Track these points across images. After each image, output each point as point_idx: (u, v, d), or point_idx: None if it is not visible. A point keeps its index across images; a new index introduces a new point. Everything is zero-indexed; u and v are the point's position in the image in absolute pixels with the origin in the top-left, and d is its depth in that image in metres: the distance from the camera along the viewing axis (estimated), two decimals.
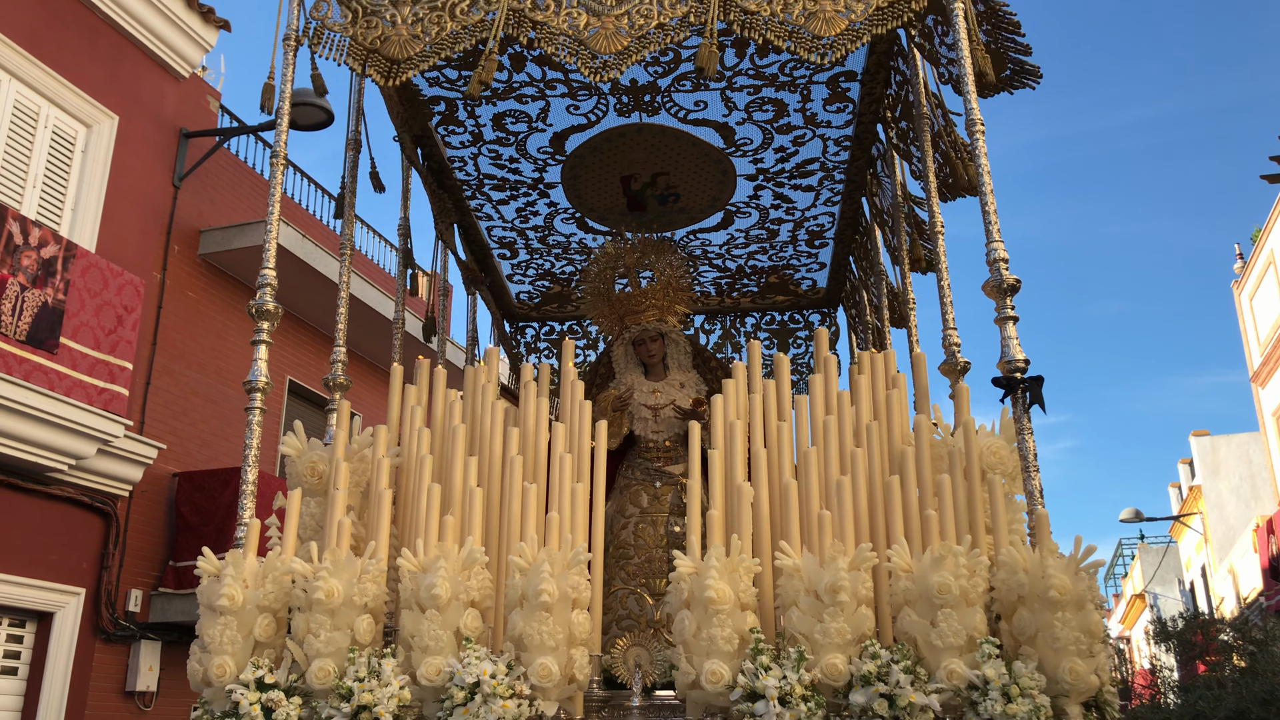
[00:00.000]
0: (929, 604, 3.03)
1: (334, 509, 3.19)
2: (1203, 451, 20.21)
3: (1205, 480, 20.21)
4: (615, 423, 4.78)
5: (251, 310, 3.48)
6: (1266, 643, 11.88)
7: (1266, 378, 15.26)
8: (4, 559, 6.61)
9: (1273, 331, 14.72)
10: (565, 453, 3.32)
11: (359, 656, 2.91)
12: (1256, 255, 15.29)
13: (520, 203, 5.51)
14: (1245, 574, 17.17)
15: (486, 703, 2.75)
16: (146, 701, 7.52)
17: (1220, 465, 19.97)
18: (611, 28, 3.60)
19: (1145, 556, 26.10)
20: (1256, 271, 15.37)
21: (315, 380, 9.82)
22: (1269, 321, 14.96)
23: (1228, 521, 19.56)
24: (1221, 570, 19.32)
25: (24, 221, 6.44)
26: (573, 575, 2.99)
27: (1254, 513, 17.97)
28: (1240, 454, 19.69)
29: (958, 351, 3.97)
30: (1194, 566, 22.27)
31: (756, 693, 2.84)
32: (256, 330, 3.48)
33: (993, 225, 3.52)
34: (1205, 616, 16.93)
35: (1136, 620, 28.17)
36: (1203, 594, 21.50)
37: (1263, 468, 18.01)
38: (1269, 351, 14.92)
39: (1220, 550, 19.55)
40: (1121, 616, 29.52)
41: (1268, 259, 14.81)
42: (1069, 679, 2.95)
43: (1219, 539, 19.75)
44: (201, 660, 2.99)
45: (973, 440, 3.50)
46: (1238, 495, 19.60)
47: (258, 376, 3.43)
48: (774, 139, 4.99)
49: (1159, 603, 24.37)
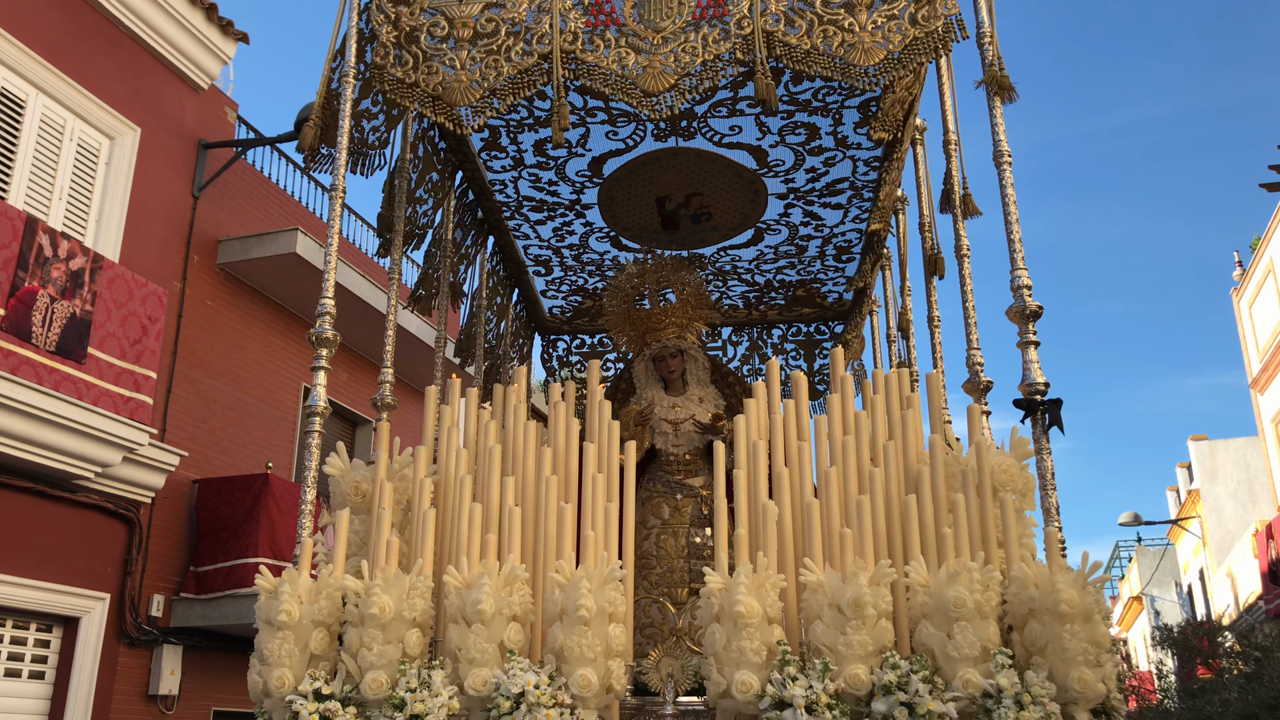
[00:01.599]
0: (945, 617, 3.18)
1: (380, 528, 3.34)
2: (1201, 456, 20.40)
3: (1203, 484, 20.39)
4: (637, 437, 4.91)
5: (311, 338, 3.62)
6: (1271, 649, 12.07)
7: (1265, 384, 15.43)
8: (33, 565, 6.77)
9: (1272, 338, 14.90)
10: (597, 472, 3.48)
11: (410, 668, 3.07)
12: (1256, 263, 15.47)
13: (557, 222, 5.65)
14: (1244, 578, 17.34)
15: (531, 712, 2.91)
16: (168, 705, 7.66)
17: (1218, 469, 20.15)
18: (659, 66, 3.75)
19: (1143, 559, 26.28)
20: (1256, 279, 15.54)
21: (330, 385, 9.97)
22: (1268, 329, 15.14)
23: (1225, 525, 19.74)
24: (1220, 574, 19.50)
25: (54, 234, 6.59)
26: (609, 591, 3.14)
27: (1252, 517, 18.14)
28: (1238, 458, 19.87)
29: (981, 371, 4.08)
30: (1192, 569, 22.45)
31: (784, 701, 2.99)
32: (316, 357, 3.61)
33: (1017, 253, 3.64)
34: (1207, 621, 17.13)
35: (1134, 622, 28.34)
36: (1200, 597, 21.68)
37: (1260, 472, 18.19)
38: (1268, 358, 15.09)
39: (1218, 554, 19.74)
40: (1119, 618, 29.68)
41: (1267, 267, 14.99)
42: (1077, 687, 3.09)
43: (1217, 542, 19.94)
44: (261, 672, 3.14)
45: (985, 459, 3.65)
46: (1235, 499, 19.78)
47: (317, 401, 3.56)
48: (805, 160, 5.12)
49: (1156, 605, 24.56)
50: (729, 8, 3.85)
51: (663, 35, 3.83)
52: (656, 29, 3.85)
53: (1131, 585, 27.89)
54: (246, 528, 7.68)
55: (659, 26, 3.85)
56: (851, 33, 3.75)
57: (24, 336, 6.26)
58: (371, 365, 10.40)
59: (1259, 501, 18.55)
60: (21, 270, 6.33)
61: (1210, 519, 20.29)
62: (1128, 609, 28.52)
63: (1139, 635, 27.39)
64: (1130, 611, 28.38)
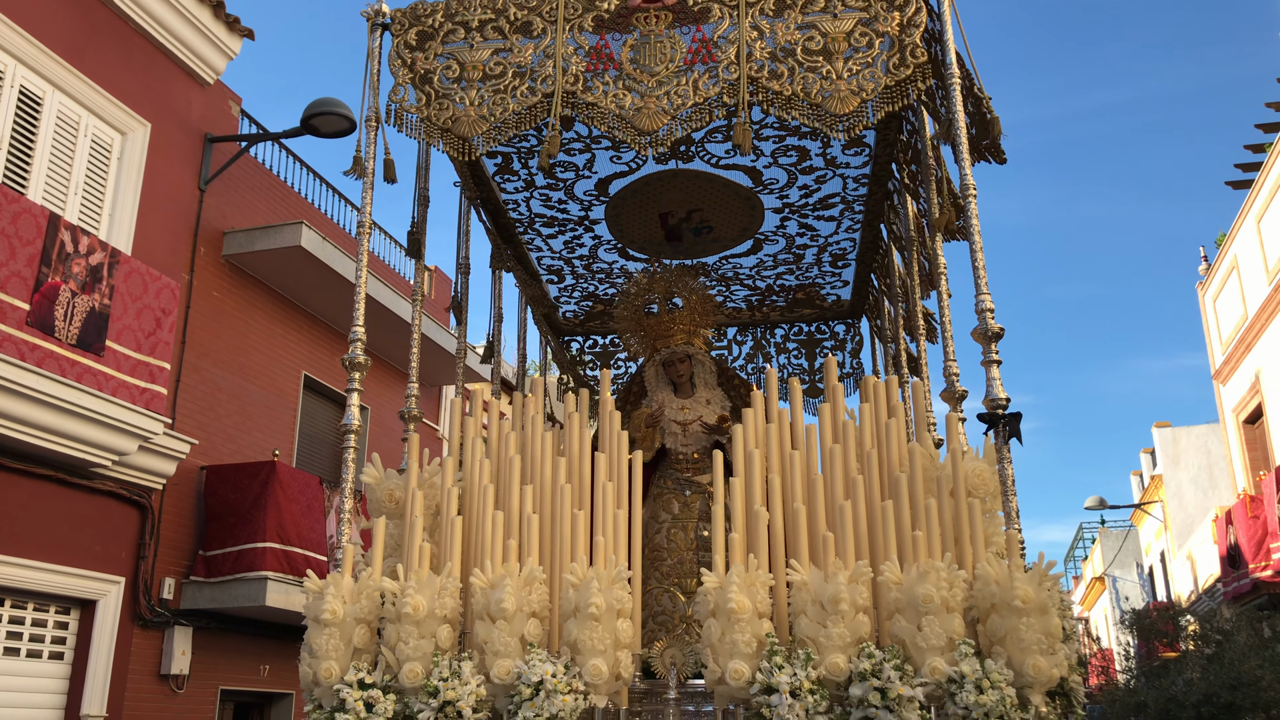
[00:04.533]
0: (915, 611, 3.55)
1: (413, 534, 3.72)
2: (1164, 442, 21.08)
3: (1166, 470, 21.08)
4: (648, 438, 5.27)
5: (345, 363, 3.96)
6: (1232, 632, 12.71)
7: (1227, 376, 16.02)
8: (53, 550, 7.08)
9: (1234, 332, 15.46)
10: (607, 481, 3.86)
11: (442, 660, 3.46)
12: (1221, 259, 16.00)
13: (568, 236, 6.01)
14: (1203, 561, 18.01)
15: (549, 698, 3.30)
16: (179, 684, 8.02)
17: (1181, 456, 20.84)
18: (653, 107, 4.09)
19: (1105, 540, 27.05)
20: (1220, 274, 16.08)
21: (329, 374, 10.29)
22: (1231, 323, 15.70)
23: (1186, 510, 20.44)
24: (1180, 557, 20.20)
25: (74, 230, 6.85)
26: (617, 590, 3.53)
27: (1212, 502, 18.81)
28: (1200, 445, 20.56)
29: (956, 380, 4.44)
30: (1153, 552, 23.19)
31: (772, 687, 3.39)
32: (350, 380, 3.96)
33: (981, 279, 3.97)
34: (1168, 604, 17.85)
35: (1095, 602, 29.20)
36: (1160, 579, 22.44)
37: (1221, 459, 18.83)
38: (1230, 352, 15.67)
39: (1179, 537, 20.45)
40: (1081, 598, 30.53)
41: (1231, 263, 15.52)
42: (1032, 673, 3.47)
43: (1178, 526, 20.65)
44: (310, 664, 3.53)
45: (959, 466, 4.04)
46: (1196, 485, 20.49)
47: (352, 420, 3.91)
48: (798, 178, 5.45)
49: (1118, 585, 25.36)
50: (717, 54, 4.17)
51: (657, 79, 4.16)
52: (651, 73, 4.18)
53: (1094, 566, 28.68)
54: (255, 513, 8.00)
55: (653, 71, 4.18)
56: (829, 80, 4.08)
57: (48, 330, 6.55)
58: (372, 354, 10.72)
59: (1219, 487, 19.21)
60: (45, 266, 6.60)
61: (1172, 503, 21.00)
62: (1090, 589, 29.36)
63: (1101, 615, 28.26)
64: (1093, 591, 29.21)
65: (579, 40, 4.26)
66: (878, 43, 4.14)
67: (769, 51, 4.15)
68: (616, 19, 4.24)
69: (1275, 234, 13.63)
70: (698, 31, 4.22)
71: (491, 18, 4.32)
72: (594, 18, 4.26)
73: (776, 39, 4.16)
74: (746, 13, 4.18)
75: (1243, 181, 15.38)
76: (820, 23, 4.17)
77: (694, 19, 4.23)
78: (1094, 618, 29.38)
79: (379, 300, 9.75)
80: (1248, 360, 15.02)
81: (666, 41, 4.21)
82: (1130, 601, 23.32)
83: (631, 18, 4.24)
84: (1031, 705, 3.48)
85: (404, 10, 4.44)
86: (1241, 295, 15.08)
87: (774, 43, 4.16)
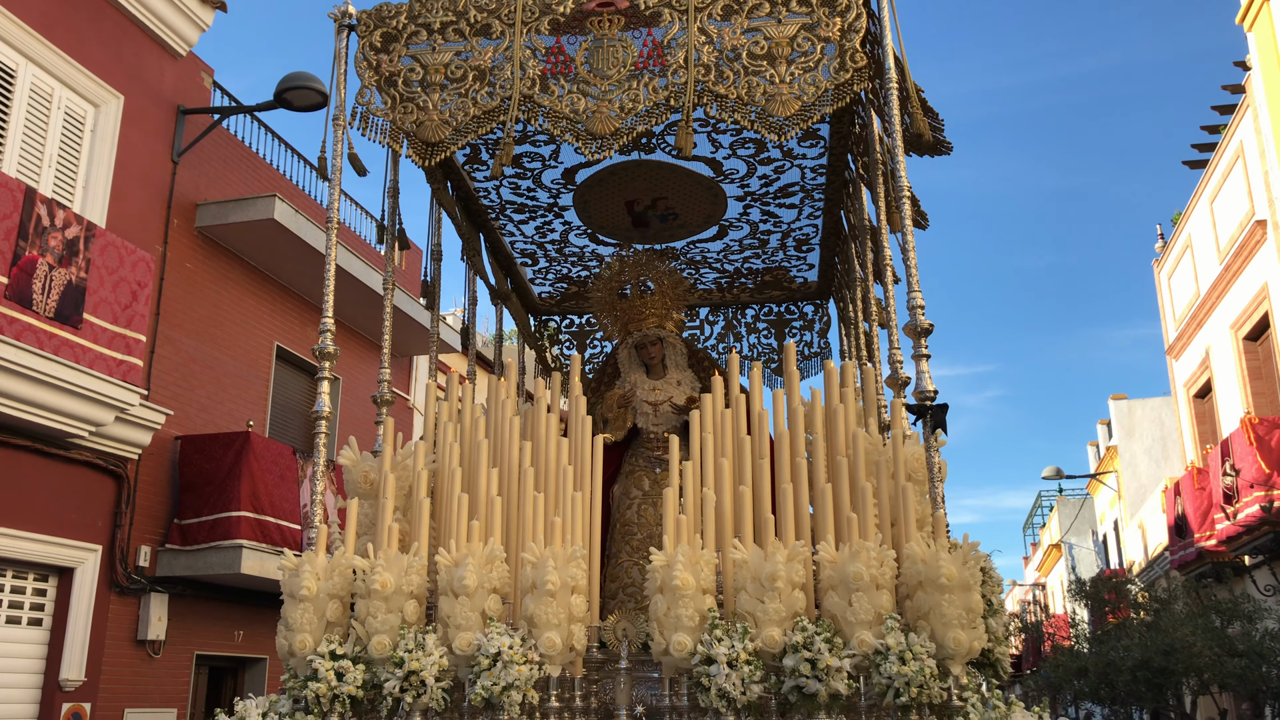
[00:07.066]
0: (847, 588, 3.84)
1: (384, 514, 3.99)
2: (1120, 414, 21.70)
3: (1121, 441, 21.72)
4: (620, 417, 5.53)
5: (315, 352, 4.18)
6: (1169, 600, 13.30)
7: (1180, 351, 16.52)
8: (31, 519, 7.27)
9: (1187, 309, 15.93)
10: (568, 464, 4.14)
11: (408, 633, 3.74)
12: (1176, 237, 16.42)
13: (539, 222, 6.19)
14: (1153, 530, 18.66)
15: (506, 668, 3.59)
16: (155, 649, 8.27)
17: (1135, 427, 21.48)
18: (606, 111, 4.28)
19: (1063, 508, 27.84)
20: (1175, 253, 16.52)
21: (300, 345, 10.46)
22: (1184, 300, 16.17)
23: (1140, 480, 21.11)
24: (1132, 525, 20.90)
25: (50, 204, 6.96)
26: (572, 568, 3.82)
27: (1164, 473, 19.43)
28: (1154, 417, 21.19)
29: (900, 367, 4.65)
30: (1108, 520, 23.94)
31: (711, 658, 3.67)
32: (319, 369, 4.18)
33: (913, 276, 4.19)
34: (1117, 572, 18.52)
35: (1052, 568, 30.06)
36: (1114, 546, 23.20)
37: (1173, 431, 19.44)
38: (1183, 328, 16.15)
39: (1132, 506, 21.13)
40: (1039, 564, 31.41)
41: (1185, 243, 15.95)
42: (953, 646, 3.75)
43: (1131, 496, 21.34)
44: (286, 637, 3.81)
45: (899, 450, 4.32)
46: (1150, 456, 21.14)
47: (323, 407, 4.15)
48: (757, 169, 5.65)
49: (1074, 552, 26.15)
50: (668, 58, 4.35)
51: (610, 82, 4.34)
52: (604, 76, 4.35)
53: (1052, 533, 29.51)
54: (229, 483, 8.20)
55: (606, 74, 4.36)
56: (773, 84, 4.27)
57: (25, 304, 6.69)
58: (338, 323, 10.88)
59: (1170, 459, 19.83)
60: (22, 240, 6.72)
61: (1126, 474, 21.66)
62: (1047, 555, 30.21)
63: (1057, 581, 29.13)
64: (1049, 558, 30.06)
65: (535, 43, 4.42)
66: (820, 47, 4.31)
67: (716, 55, 4.31)
68: (572, 22, 4.40)
69: (1227, 215, 14.03)
70: (649, 36, 4.38)
71: (453, 19, 4.47)
72: (550, 21, 4.42)
73: (724, 43, 4.33)
74: (695, 18, 4.33)
75: (1199, 161, 15.74)
76: (765, 28, 4.33)
77: (645, 23, 4.39)
78: (1051, 584, 30.26)
79: (351, 272, 9.91)
80: (1199, 337, 15.51)
81: (619, 45, 4.37)
82: (1084, 568, 24.09)
83: (586, 21, 4.40)
84: (951, 675, 3.77)
85: (369, 12, 4.58)
86: (1194, 273, 15.53)
87: (721, 47, 4.32)
